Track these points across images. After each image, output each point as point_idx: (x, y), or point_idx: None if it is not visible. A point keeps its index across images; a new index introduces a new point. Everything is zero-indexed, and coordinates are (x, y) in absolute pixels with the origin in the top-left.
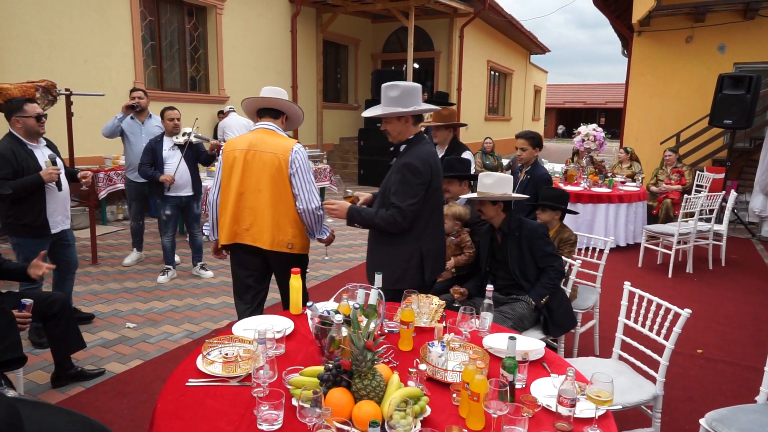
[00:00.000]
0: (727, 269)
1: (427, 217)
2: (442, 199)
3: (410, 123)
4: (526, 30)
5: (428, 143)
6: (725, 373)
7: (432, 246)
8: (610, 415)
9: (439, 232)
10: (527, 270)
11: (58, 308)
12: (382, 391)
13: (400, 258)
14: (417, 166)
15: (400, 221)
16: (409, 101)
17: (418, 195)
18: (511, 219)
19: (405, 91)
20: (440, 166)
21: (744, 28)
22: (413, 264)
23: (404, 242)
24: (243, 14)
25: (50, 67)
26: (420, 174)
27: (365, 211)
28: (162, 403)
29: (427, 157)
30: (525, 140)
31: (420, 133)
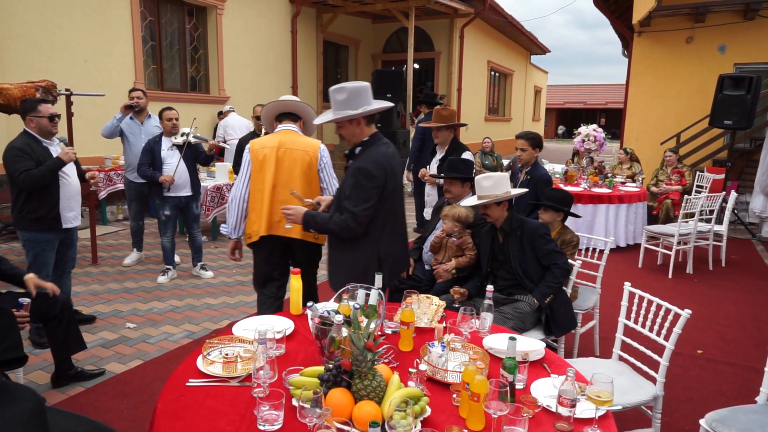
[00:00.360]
0: (728, 270)
1: (384, 220)
2: (401, 200)
3: (363, 124)
4: (526, 30)
5: (385, 144)
6: (725, 373)
7: (390, 249)
8: (610, 416)
9: (397, 235)
10: (530, 269)
11: (58, 309)
12: (382, 392)
13: (358, 263)
14: (370, 169)
15: (354, 226)
16: (358, 102)
17: (371, 199)
18: (513, 218)
19: (352, 93)
20: (396, 167)
21: (744, 29)
22: (372, 268)
23: (362, 247)
24: (243, 14)
25: (50, 67)
26: (373, 178)
27: (319, 216)
28: (162, 403)
29: (382, 160)
30: (525, 141)
31: (376, 134)
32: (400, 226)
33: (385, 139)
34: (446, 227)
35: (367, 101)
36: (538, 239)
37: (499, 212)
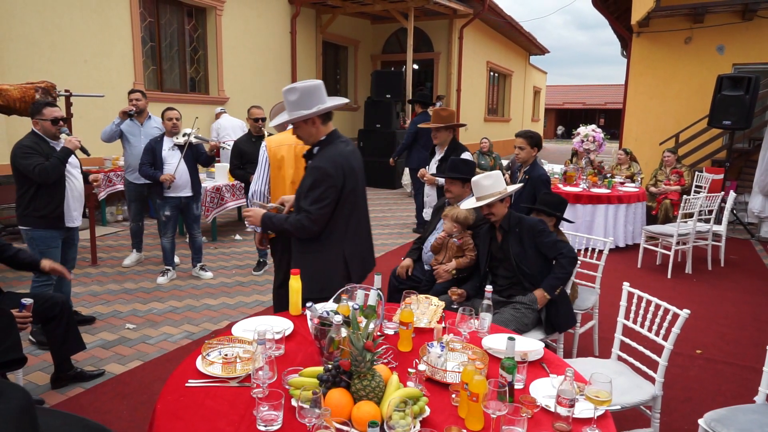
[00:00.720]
0: (726, 270)
1: (347, 219)
2: (363, 199)
3: (318, 124)
4: (525, 31)
5: (344, 142)
6: (724, 373)
7: (356, 249)
8: (609, 416)
9: (362, 234)
10: (530, 265)
11: (58, 310)
12: (381, 392)
13: (324, 264)
14: (326, 168)
15: (308, 226)
16: (311, 101)
17: (327, 198)
18: (511, 215)
19: (304, 93)
20: (355, 165)
21: (743, 29)
22: (338, 269)
23: (326, 248)
24: (243, 15)
25: (50, 68)
26: (329, 177)
27: (276, 218)
28: (162, 403)
29: (339, 159)
30: (523, 139)
31: (333, 133)
32: (364, 225)
33: (344, 138)
34: (446, 227)
35: (321, 100)
36: (538, 234)
37: (503, 209)
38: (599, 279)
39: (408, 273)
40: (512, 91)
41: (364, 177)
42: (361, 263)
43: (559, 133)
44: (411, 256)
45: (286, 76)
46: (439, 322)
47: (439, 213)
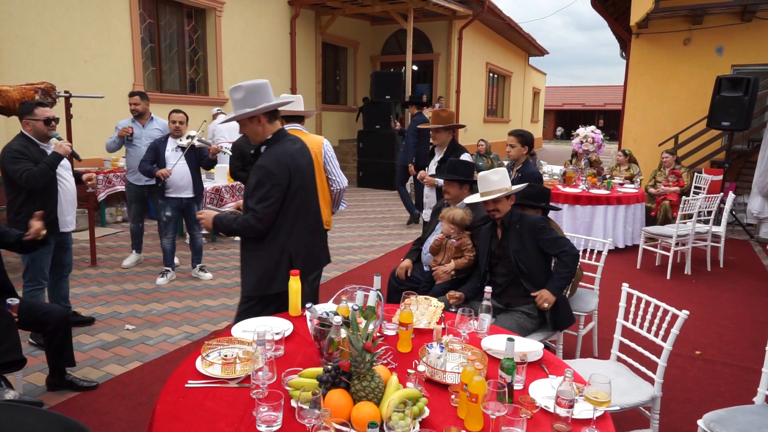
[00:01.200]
0: (726, 271)
1: (293, 218)
2: (312, 197)
3: (264, 122)
4: (524, 32)
5: (291, 140)
6: (723, 374)
7: (300, 247)
8: (608, 416)
9: (309, 232)
10: (528, 262)
11: (52, 327)
12: (381, 393)
13: (268, 262)
14: (269, 167)
15: (255, 225)
16: (256, 100)
17: (272, 197)
18: (513, 212)
19: (249, 91)
20: (301, 163)
21: (742, 30)
22: (283, 266)
23: (271, 246)
24: (242, 16)
25: (49, 69)
26: (273, 176)
27: (226, 219)
28: (161, 404)
29: (283, 157)
30: (514, 137)
31: (279, 132)
32: (312, 222)
33: (292, 136)
34: (443, 229)
35: (266, 99)
36: (539, 231)
37: (508, 206)
38: (598, 280)
39: (407, 274)
40: (511, 92)
41: (313, 175)
42: (307, 260)
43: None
44: (410, 257)
45: (286, 77)
46: (439, 323)
47: (439, 214)
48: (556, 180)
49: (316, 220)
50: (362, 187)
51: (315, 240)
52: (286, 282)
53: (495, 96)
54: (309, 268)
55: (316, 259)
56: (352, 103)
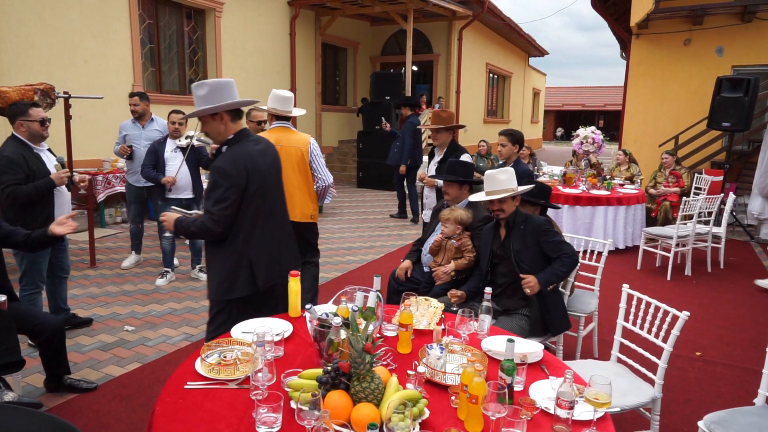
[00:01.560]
0: (726, 272)
1: (252, 221)
2: (274, 199)
3: (227, 120)
4: (524, 32)
5: (253, 141)
6: (724, 375)
7: (262, 251)
8: (608, 418)
9: (269, 236)
10: (529, 263)
11: (45, 337)
12: (380, 394)
13: (228, 266)
14: (225, 168)
15: (211, 227)
16: (219, 98)
17: (228, 199)
18: (518, 212)
19: (213, 88)
20: (261, 164)
21: (742, 31)
22: (243, 271)
23: (230, 250)
24: (242, 17)
25: (49, 69)
26: (229, 177)
27: (186, 221)
28: (160, 406)
29: (243, 158)
30: (505, 137)
31: (242, 132)
32: (274, 226)
33: (255, 136)
34: (447, 230)
35: (231, 97)
36: (542, 234)
37: (513, 206)
38: (598, 281)
39: (407, 275)
40: (511, 92)
41: (277, 176)
42: (269, 267)
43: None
44: (410, 257)
45: (286, 77)
46: (439, 324)
47: (439, 215)
48: (556, 180)
49: (281, 224)
50: (362, 187)
51: (280, 245)
52: (249, 287)
53: (495, 96)
54: (272, 274)
55: (279, 264)
56: (352, 104)
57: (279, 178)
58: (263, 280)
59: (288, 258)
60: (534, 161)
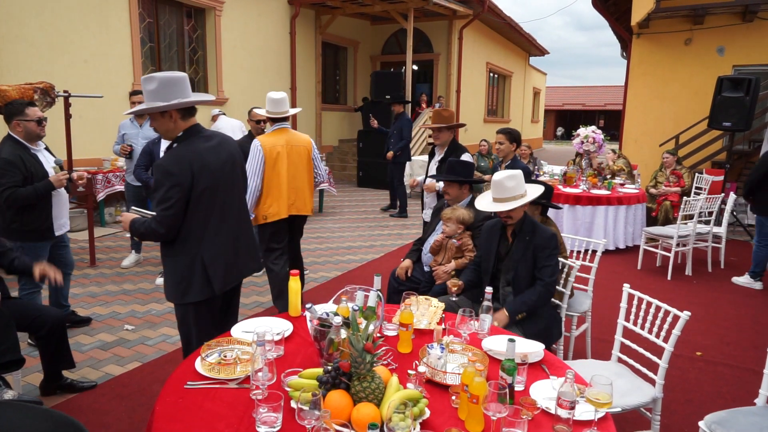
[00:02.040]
0: (726, 271)
1: (204, 221)
2: (228, 199)
3: (177, 118)
4: (525, 32)
5: (203, 138)
6: (724, 375)
7: (216, 252)
8: (609, 418)
9: (224, 237)
10: (521, 273)
11: (45, 331)
12: (381, 394)
13: (182, 269)
14: (167, 167)
15: (156, 228)
16: (170, 94)
17: (170, 199)
18: (526, 219)
19: (164, 83)
20: (211, 162)
21: (743, 31)
22: (197, 274)
23: (183, 252)
24: (242, 16)
25: (49, 68)
26: (171, 176)
27: (138, 222)
28: (160, 405)
29: (188, 155)
30: (503, 135)
31: (191, 129)
32: (230, 226)
33: (208, 132)
34: (449, 230)
35: (182, 93)
36: (543, 250)
37: (521, 212)
38: (592, 281)
39: (407, 274)
40: (512, 92)
41: (232, 174)
42: (225, 269)
43: (559, 134)
44: (410, 257)
45: (286, 77)
46: (439, 324)
47: (439, 214)
48: (556, 180)
49: (238, 224)
50: (362, 186)
51: (238, 246)
52: (206, 290)
53: (495, 96)
54: (229, 276)
55: (236, 266)
56: (352, 103)
57: (235, 176)
58: (220, 284)
59: (246, 259)
60: (534, 161)
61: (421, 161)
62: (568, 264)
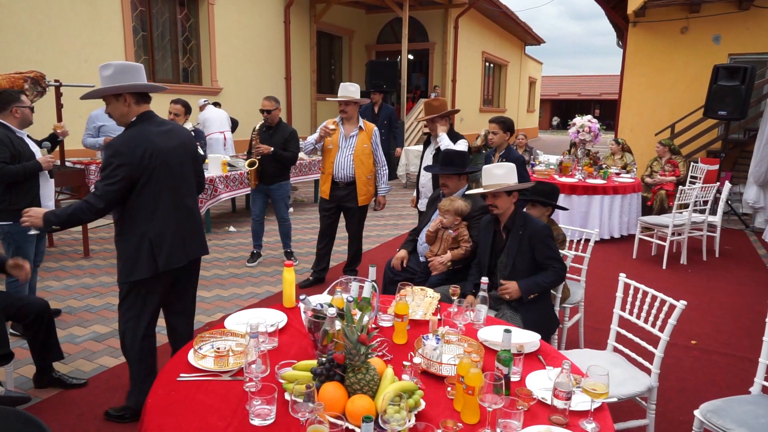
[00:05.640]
0: (721, 260)
1: (153, 202)
2: (178, 183)
3: (131, 103)
4: (520, 21)
5: (156, 123)
6: (719, 364)
7: (163, 231)
8: (605, 407)
9: (171, 218)
10: (520, 268)
11: (32, 318)
12: (376, 385)
13: (130, 248)
14: (118, 147)
15: (94, 202)
16: (125, 79)
17: (116, 176)
18: (517, 214)
19: (119, 70)
20: (161, 145)
21: (739, 19)
22: (143, 253)
23: (130, 231)
24: (235, 4)
25: (39, 58)
26: (120, 155)
27: (58, 210)
28: (153, 398)
29: (139, 137)
30: (496, 124)
31: (144, 114)
32: (178, 209)
33: (161, 120)
34: (446, 221)
35: (136, 80)
36: (539, 242)
37: (508, 203)
38: (585, 271)
39: (403, 265)
40: (508, 81)
41: (184, 160)
42: (172, 248)
43: (555, 124)
44: (406, 247)
45: (280, 66)
46: (435, 315)
47: (435, 204)
48: (552, 170)
49: (187, 208)
50: None
51: (184, 228)
52: (150, 268)
53: (491, 85)
54: (175, 257)
55: (183, 247)
56: None
57: (186, 162)
58: (164, 261)
59: (193, 243)
60: (530, 150)
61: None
62: (562, 254)
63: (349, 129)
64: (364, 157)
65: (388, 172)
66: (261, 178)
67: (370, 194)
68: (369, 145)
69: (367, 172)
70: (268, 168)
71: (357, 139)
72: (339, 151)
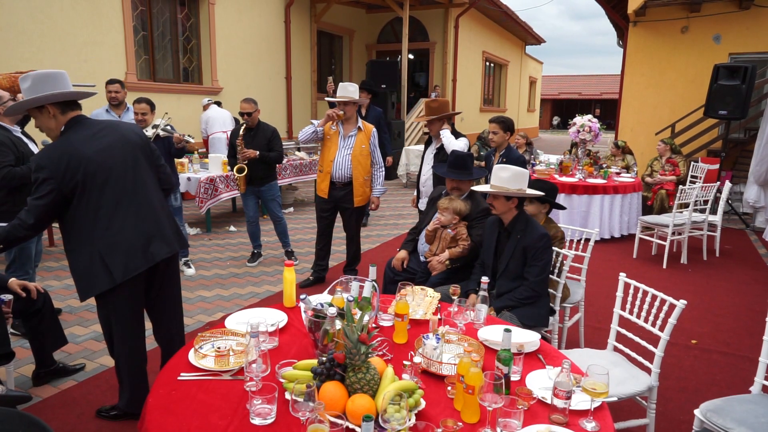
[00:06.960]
0: (722, 260)
1: (94, 212)
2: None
3: (56, 113)
4: (521, 20)
5: (85, 128)
6: (719, 363)
7: (115, 239)
8: (605, 407)
9: (122, 221)
10: (510, 268)
11: (40, 304)
12: (376, 385)
13: (82, 265)
14: (38, 161)
15: (24, 219)
16: (45, 89)
17: (41, 191)
18: (519, 219)
19: (37, 80)
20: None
21: (739, 18)
22: (96, 266)
23: (78, 245)
24: (236, 4)
25: (40, 57)
26: (41, 169)
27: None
28: (153, 397)
29: (62, 148)
30: (496, 124)
31: (71, 121)
32: (127, 211)
33: (92, 121)
34: (444, 219)
35: (58, 88)
36: (531, 249)
37: (506, 207)
38: (585, 271)
39: (403, 265)
40: (508, 81)
41: (124, 156)
42: (127, 255)
43: (555, 123)
44: (406, 248)
45: (281, 65)
46: (435, 314)
47: (435, 203)
48: (552, 169)
49: (143, 206)
50: None
51: (144, 228)
52: (107, 281)
53: (491, 85)
54: (135, 263)
55: (142, 251)
56: None
57: (132, 157)
58: (121, 271)
59: (159, 243)
60: (531, 150)
61: (417, 151)
62: (562, 254)
63: (348, 129)
64: (362, 158)
65: (384, 173)
66: (250, 182)
67: (366, 195)
68: (367, 145)
69: (364, 173)
70: (255, 171)
71: (356, 139)
72: (338, 150)
